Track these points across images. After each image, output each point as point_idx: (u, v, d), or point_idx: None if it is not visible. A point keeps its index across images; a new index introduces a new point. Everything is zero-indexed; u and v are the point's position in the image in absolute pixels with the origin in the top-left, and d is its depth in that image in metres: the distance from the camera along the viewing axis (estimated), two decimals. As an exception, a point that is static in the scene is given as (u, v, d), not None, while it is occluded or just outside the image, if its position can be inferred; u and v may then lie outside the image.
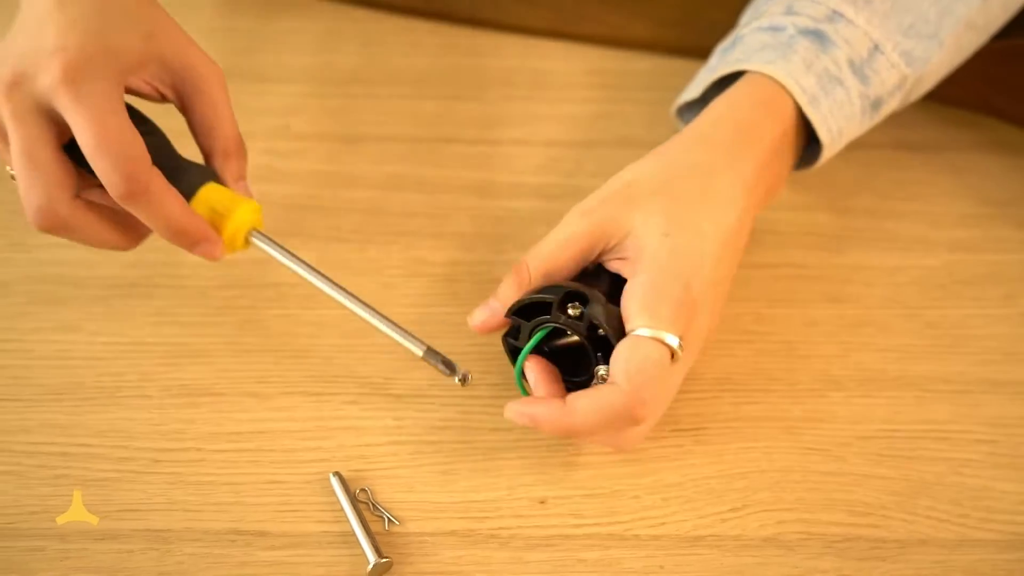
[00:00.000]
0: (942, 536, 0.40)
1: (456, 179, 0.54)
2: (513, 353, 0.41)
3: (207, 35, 0.62)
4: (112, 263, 0.49)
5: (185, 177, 0.40)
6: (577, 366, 0.41)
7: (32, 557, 0.39)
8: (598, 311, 0.38)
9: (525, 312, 0.40)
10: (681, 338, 0.37)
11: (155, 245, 0.50)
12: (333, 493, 0.41)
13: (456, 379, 0.41)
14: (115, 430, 0.43)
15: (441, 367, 0.41)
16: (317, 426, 0.43)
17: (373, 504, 0.41)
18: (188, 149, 0.43)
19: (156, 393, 0.44)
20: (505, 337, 0.41)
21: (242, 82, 0.59)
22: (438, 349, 0.41)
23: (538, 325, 0.39)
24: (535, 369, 0.40)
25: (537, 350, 0.40)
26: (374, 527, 0.40)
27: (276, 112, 0.57)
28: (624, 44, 0.61)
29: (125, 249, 0.42)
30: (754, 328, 0.47)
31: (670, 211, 0.40)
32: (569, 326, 0.38)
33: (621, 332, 0.38)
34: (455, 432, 0.43)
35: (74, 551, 0.39)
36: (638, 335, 0.37)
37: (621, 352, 0.37)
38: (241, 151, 0.43)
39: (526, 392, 0.41)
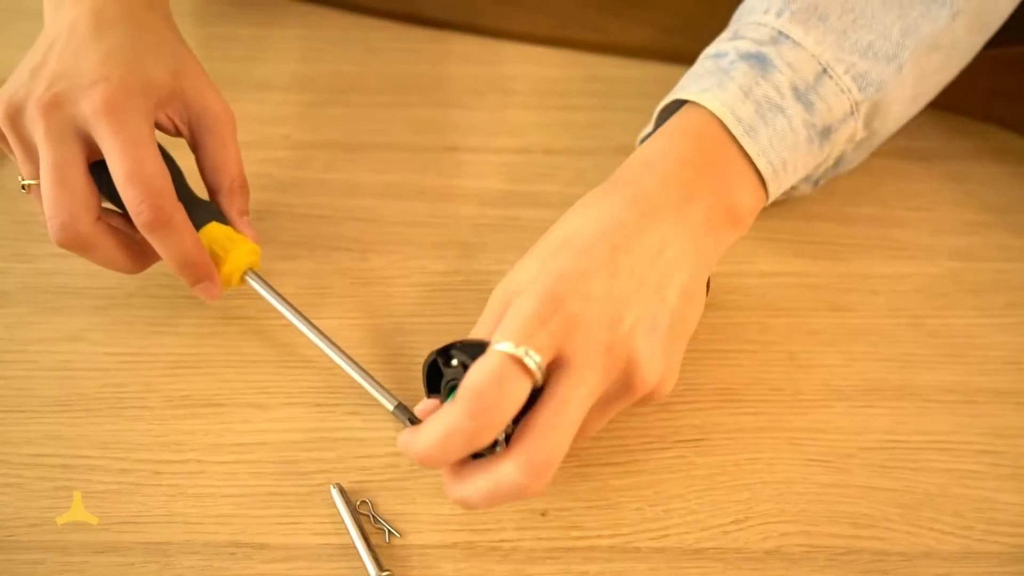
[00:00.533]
0: (946, 548, 0.40)
1: (457, 187, 0.54)
2: None
3: (207, 43, 0.62)
4: (113, 273, 0.49)
5: (194, 213, 0.43)
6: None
7: (32, 570, 0.39)
8: (463, 352, 0.36)
9: (433, 383, 0.39)
10: (539, 349, 0.33)
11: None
12: (334, 505, 0.41)
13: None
14: (116, 442, 0.43)
15: (407, 424, 0.40)
16: (318, 437, 0.43)
17: (374, 516, 0.41)
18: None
19: (157, 404, 0.44)
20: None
21: (242, 90, 0.59)
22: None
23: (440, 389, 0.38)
24: (425, 414, 0.38)
25: None
26: (375, 540, 0.40)
27: (276, 121, 0.57)
28: (624, 52, 0.61)
29: (131, 272, 0.45)
30: (756, 337, 0.47)
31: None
32: (453, 376, 0.37)
33: None
34: (456, 443, 0.43)
35: (74, 564, 0.39)
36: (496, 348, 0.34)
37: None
38: (245, 189, 0.46)
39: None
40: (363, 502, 0.41)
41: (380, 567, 0.38)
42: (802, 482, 0.42)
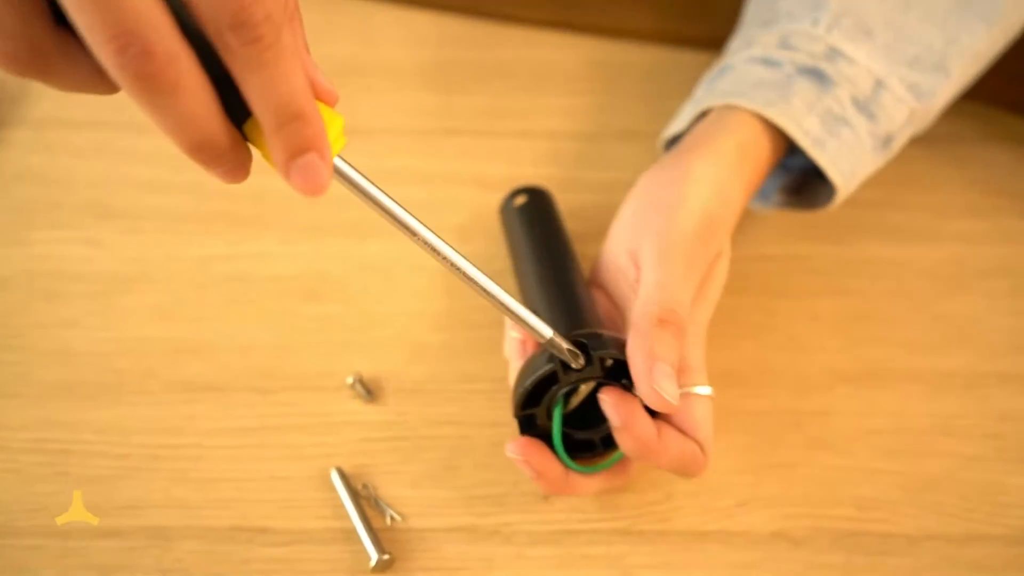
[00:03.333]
0: (950, 531, 0.40)
1: (457, 171, 0.54)
2: (533, 430, 0.38)
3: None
4: (112, 258, 0.49)
5: None
6: (588, 416, 0.39)
7: (32, 555, 0.39)
8: (606, 347, 0.35)
9: (533, 399, 0.37)
10: None
11: (155, 240, 0.50)
12: (335, 489, 0.40)
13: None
14: (116, 427, 0.43)
15: (565, 355, 0.35)
16: (319, 422, 0.43)
17: (375, 500, 0.40)
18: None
19: (157, 389, 0.44)
20: (517, 416, 0.37)
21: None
22: (438, 344, 0.40)
23: (554, 397, 0.36)
24: (522, 453, 0.36)
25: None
26: (376, 523, 0.40)
27: (276, 105, 0.57)
28: (626, 35, 0.61)
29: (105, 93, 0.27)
30: (760, 321, 0.47)
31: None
32: (585, 379, 0.36)
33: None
34: (457, 427, 0.43)
35: (74, 549, 0.39)
36: (706, 395, 0.37)
37: (702, 418, 0.37)
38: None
39: (574, 465, 0.37)
40: (364, 486, 0.41)
41: (381, 550, 0.38)
42: (806, 465, 0.42)
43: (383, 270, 0.49)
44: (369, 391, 0.44)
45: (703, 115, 0.44)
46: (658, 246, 0.38)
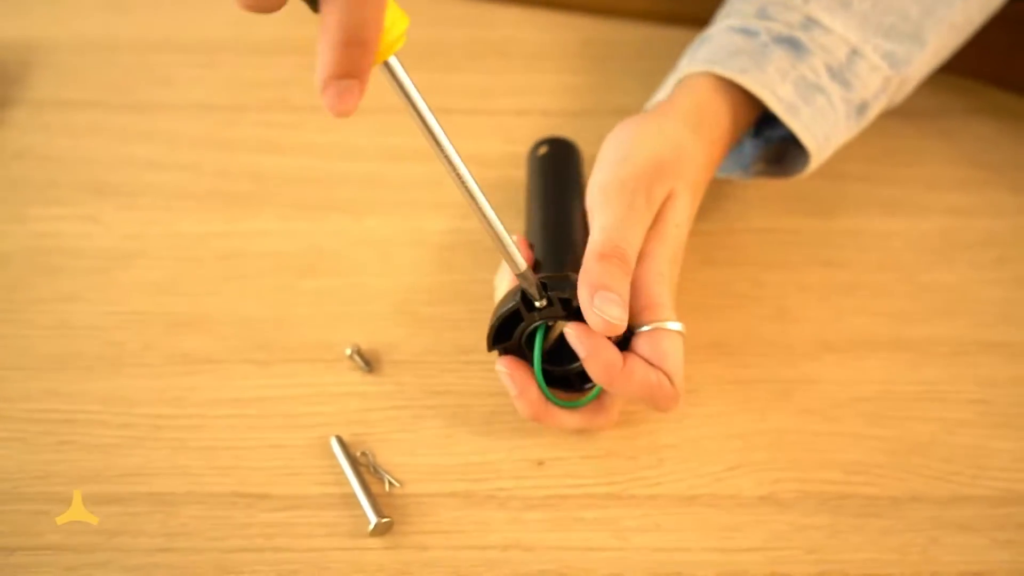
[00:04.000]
0: (935, 493, 0.41)
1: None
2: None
3: (202, 9, 0.62)
4: (110, 234, 0.50)
5: None
6: (564, 354, 0.40)
7: (37, 520, 0.39)
8: (564, 288, 0.37)
9: (503, 335, 0.39)
10: None
11: (153, 217, 0.50)
12: (334, 456, 0.41)
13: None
14: (117, 397, 0.43)
15: (532, 291, 0.37)
16: (318, 392, 0.44)
17: (374, 467, 0.41)
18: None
19: (157, 361, 0.45)
20: (494, 348, 0.40)
21: (239, 54, 0.59)
22: (435, 316, 0.41)
23: (525, 334, 0.39)
24: (508, 366, 0.39)
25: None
26: (375, 489, 0.40)
27: (273, 84, 0.57)
28: (619, 14, 0.61)
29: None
30: (748, 292, 0.48)
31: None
32: (547, 317, 0.38)
33: None
34: (455, 396, 0.44)
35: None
36: (676, 331, 0.38)
37: (671, 351, 0.38)
38: None
39: (553, 398, 0.40)
40: (363, 453, 0.42)
41: (380, 515, 0.39)
42: (795, 431, 0.43)
43: (380, 245, 0.50)
44: (367, 362, 0.44)
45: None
46: (601, 195, 0.39)
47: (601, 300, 0.36)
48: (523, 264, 0.36)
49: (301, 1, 0.29)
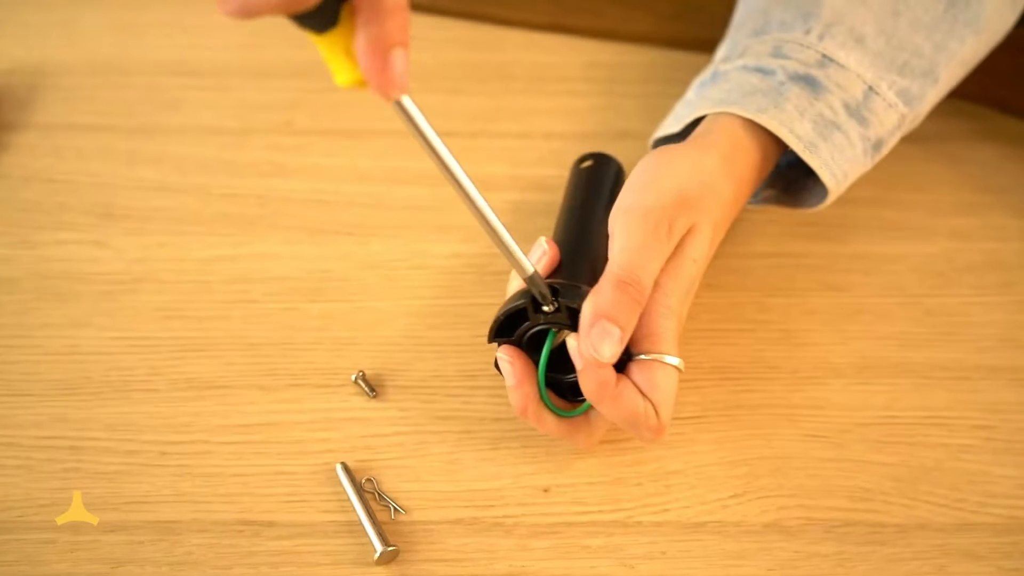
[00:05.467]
0: (941, 520, 0.41)
1: (457, 173, 0.54)
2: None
3: (209, 32, 0.62)
4: (118, 259, 0.50)
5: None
6: (564, 364, 0.40)
7: (43, 549, 0.39)
8: (574, 299, 0.38)
9: (505, 330, 0.40)
10: None
11: (160, 241, 0.51)
12: (339, 483, 0.41)
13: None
14: (123, 424, 0.43)
15: (538, 296, 0.38)
16: (323, 418, 0.44)
17: (379, 493, 0.41)
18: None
19: (163, 387, 0.45)
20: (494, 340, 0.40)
21: (244, 77, 0.59)
22: (440, 340, 0.41)
23: (528, 334, 0.39)
24: (509, 354, 0.39)
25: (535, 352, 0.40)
26: (380, 516, 0.40)
27: (278, 107, 0.58)
28: (623, 37, 0.62)
29: None
30: (754, 317, 0.48)
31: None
32: (552, 322, 0.38)
33: None
34: (459, 422, 0.44)
35: (84, 543, 0.40)
36: (673, 365, 0.38)
37: (663, 384, 0.38)
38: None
39: (548, 401, 0.40)
40: (368, 479, 0.42)
41: (386, 543, 0.39)
42: (800, 457, 0.43)
43: (385, 269, 0.50)
44: (372, 388, 0.45)
45: (696, 123, 0.45)
46: (624, 219, 0.39)
47: (599, 328, 0.36)
48: (530, 268, 0.37)
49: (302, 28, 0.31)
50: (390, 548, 0.39)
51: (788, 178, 0.48)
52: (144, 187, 0.53)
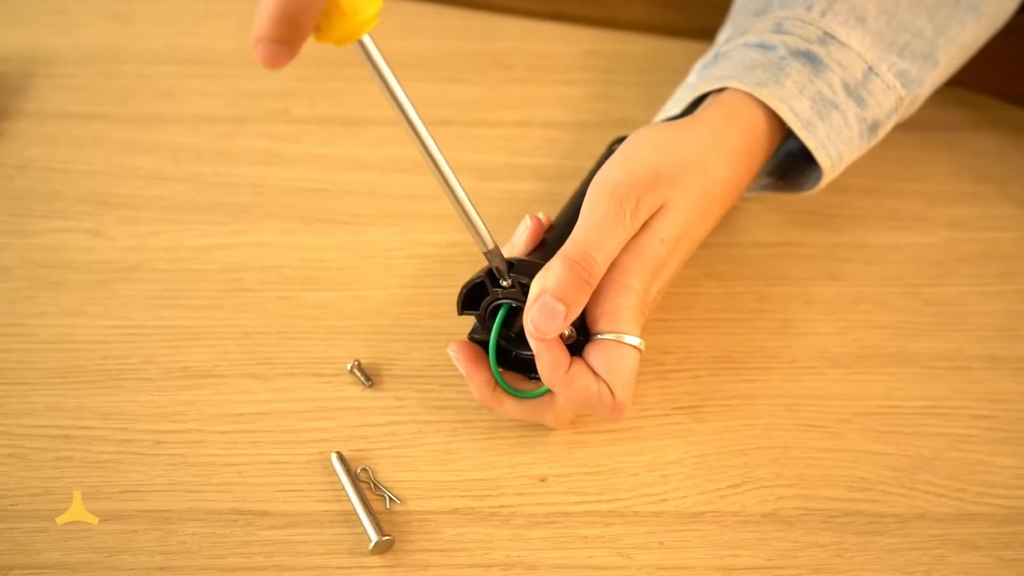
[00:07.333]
0: (940, 510, 0.41)
1: (454, 161, 0.53)
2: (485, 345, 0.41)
3: (203, 20, 0.62)
4: (113, 247, 0.49)
5: None
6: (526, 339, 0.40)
7: (35, 538, 0.39)
8: (528, 275, 0.38)
9: (473, 303, 0.40)
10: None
11: (155, 230, 0.50)
12: (335, 473, 0.41)
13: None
14: (117, 412, 0.43)
15: (497, 271, 0.38)
16: (318, 407, 0.44)
17: (374, 483, 0.41)
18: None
19: (157, 375, 0.44)
20: (471, 337, 0.41)
21: (240, 66, 0.59)
22: (436, 330, 0.41)
23: (488, 308, 0.39)
24: (458, 350, 0.40)
25: (505, 337, 0.40)
26: (375, 506, 0.40)
27: (275, 96, 0.57)
28: (622, 26, 0.61)
29: None
30: (753, 306, 0.48)
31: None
32: (510, 297, 0.39)
33: None
34: (455, 412, 0.43)
35: (77, 532, 0.39)
36: (632, 345, 0.38)
37: (618, 364, 0.38)
38: None
39: (503, 383, 0.40)
40: (363, 469, 0.41)
41: (381, 532, 0.39)
42: (798, 447, 0.42)
43: (382, 258, 0.49)
44: (368, 377, 0.44)
45: (698, 102, 0.45)
46: (591, 194, 0.39)
47: (541, 304, 0.36)
48: (491, 243, 0.37)
49: None
50: (385, 538, 0.39)
51: (784, 165, 0.48)
52: (138, 175, 0.53)
